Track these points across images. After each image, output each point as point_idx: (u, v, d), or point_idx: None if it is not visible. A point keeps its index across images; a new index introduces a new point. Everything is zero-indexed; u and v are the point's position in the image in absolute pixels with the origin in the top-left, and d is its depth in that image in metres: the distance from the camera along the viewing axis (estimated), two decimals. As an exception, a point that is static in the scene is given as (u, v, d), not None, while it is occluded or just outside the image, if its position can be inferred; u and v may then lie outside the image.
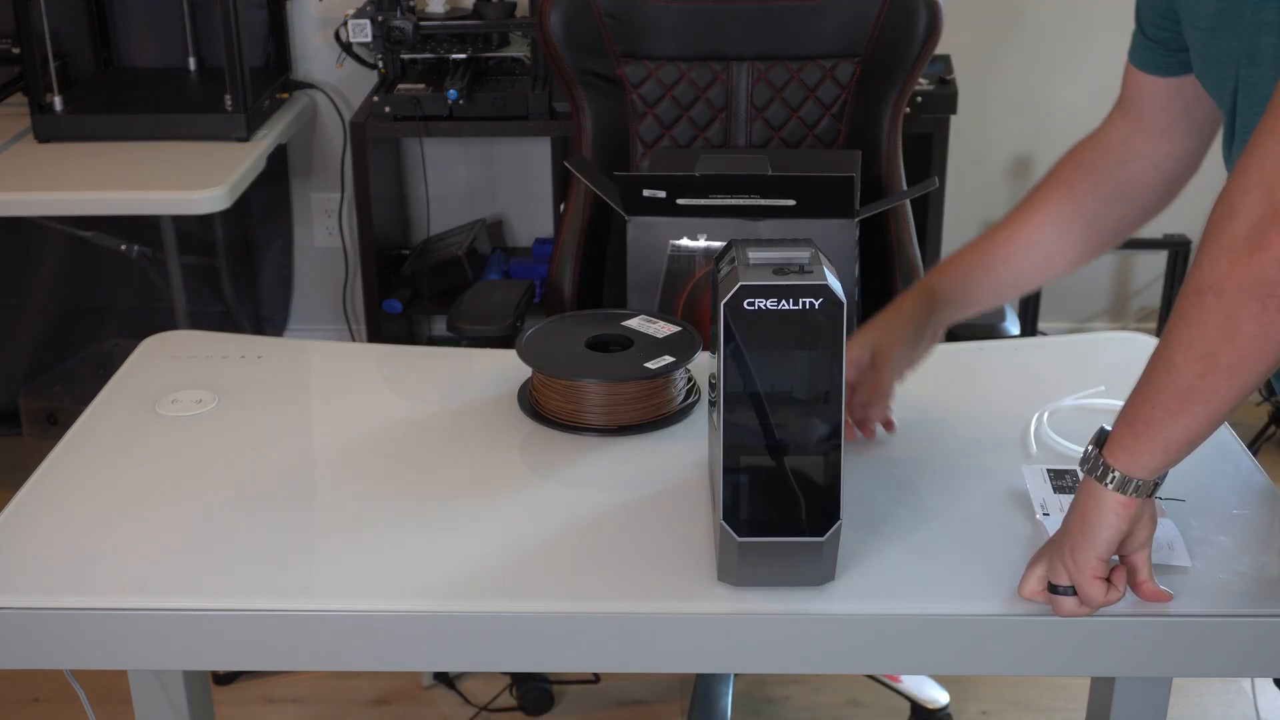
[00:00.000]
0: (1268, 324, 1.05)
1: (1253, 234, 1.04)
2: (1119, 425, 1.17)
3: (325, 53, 3.14)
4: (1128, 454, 1.15)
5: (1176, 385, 1.11)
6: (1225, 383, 1.09)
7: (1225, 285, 1.06)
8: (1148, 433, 1.14)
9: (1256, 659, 1.26)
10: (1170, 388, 1.11)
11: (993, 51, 3.12)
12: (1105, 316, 3.37)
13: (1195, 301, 1.08)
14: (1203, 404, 1.11)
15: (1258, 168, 1.05)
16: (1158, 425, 1.13)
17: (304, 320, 3.41)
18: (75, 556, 1.33)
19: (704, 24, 2.15)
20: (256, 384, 1.67)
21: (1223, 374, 1.08)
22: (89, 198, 2.56)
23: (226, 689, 2.42)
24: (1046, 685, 2.40)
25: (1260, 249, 1.03)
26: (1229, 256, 1.05)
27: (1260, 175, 1.04)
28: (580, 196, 2.16)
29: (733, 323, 1.17)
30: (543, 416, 1.57)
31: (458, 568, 1.31)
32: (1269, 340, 1.06)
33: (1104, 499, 1.17)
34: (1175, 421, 1.12)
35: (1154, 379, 1.13)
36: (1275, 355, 1.07)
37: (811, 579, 1.25)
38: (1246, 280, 1.04)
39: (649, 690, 2.41)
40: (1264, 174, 1.04)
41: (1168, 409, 1.12)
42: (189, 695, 1.53)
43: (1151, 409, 1.13)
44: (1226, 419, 1.14)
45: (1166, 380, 1.11)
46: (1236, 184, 1.06)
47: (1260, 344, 1.06)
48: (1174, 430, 1.13)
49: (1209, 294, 1.07)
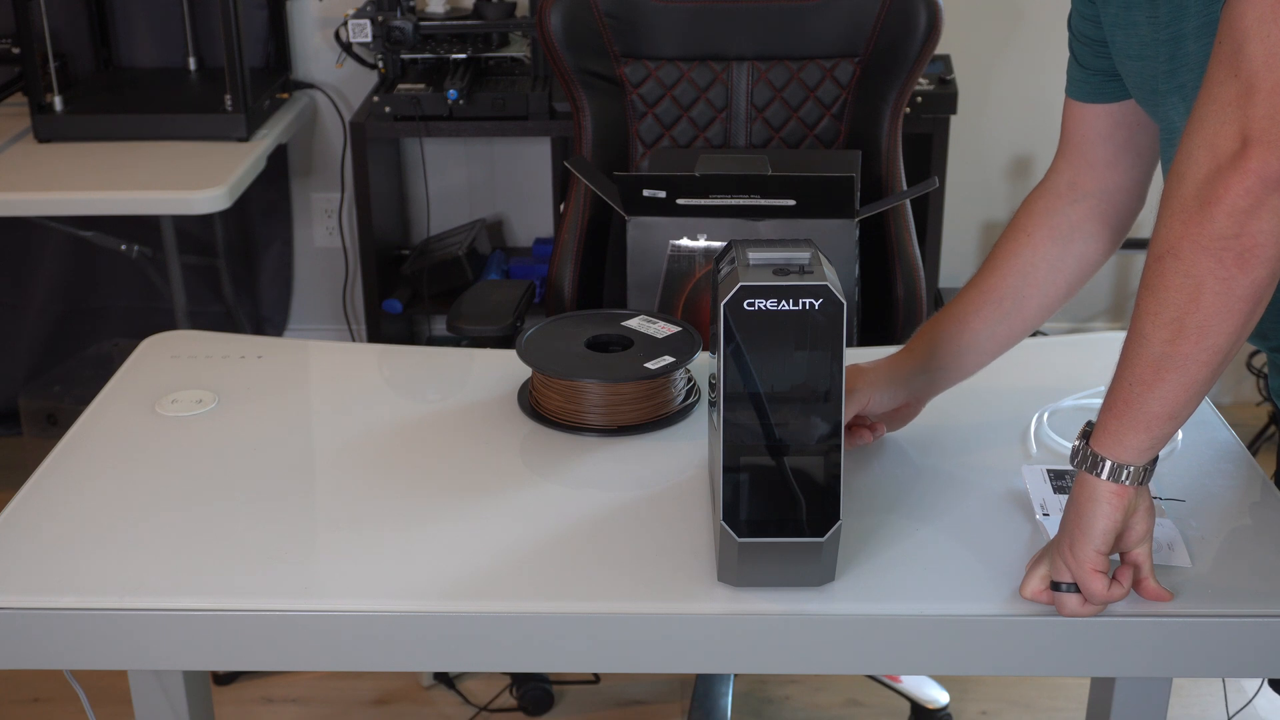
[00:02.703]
0: (1225, 278, 1.07)
1: (1201, 191, 1.07)
2: (1102, 413, 1.19)
3: (325, 53, 3.14)
4: (1112, 438, 1.17)
5: (1149, 356, 1.13)
6: (1195, 345, 1.10)
7: (1181, 246, 1.09)
8: (1129, 412, 1.16)
9: (1256, 659, 1.26)
10: (1143, 360, 1.14)
11: (993, 51, 3.12)
12: (1105, 316, 3.37)
13: (1156, 268, 1.11)
14: (1176, 371, 1.12)
15: (1198, 130, 1.08)
16: (1136, 402, 1.15)
17: (304, 320, 3.41)
18: (75, 556, 1.33)
19: (704, 24, 2.15)
20: (256, 384, 1.67)
21: (1191, 336, 1.10)
22: (89, 198, 2.56)
23: (226, 689, 2.42)
24: (1046, 685, 2.40)
25: (1209, 204, 1.07)
26: (1180, 218, 1.09)
27: (1201, 136, 1.08)
28: (580, 196, 2.16)
29: (733, 323, 1.17)
30: (543, 416, 1.57)
31: (458, 568, 1.31)
32: (1230, 295, 1.08)
33: (1097, 489, 1.17)
34: (1152, 395, 1.14)
35: (1128, 355, 1.15)
36: (1241, 312, 1.09)
37: (811, 579, 1.25)
38: (1200, 237, 1.07)
39: (649, 690, 2.41)
40: (1204, 134, 1.08)
41: (1144, 382, 1.14)
42: (189, 695, 1.53)
43: (1129, 386, 1.15)
44: (1206, 391, 1.15)
45: (1139, 353, 1.14)
46: (1182, 151, 1.10)
47: (1223, 299, 1.08)
48: (1153, 404, 1.14)
49: (1167, 258, 1.10)
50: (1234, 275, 1.07)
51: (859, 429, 1.48)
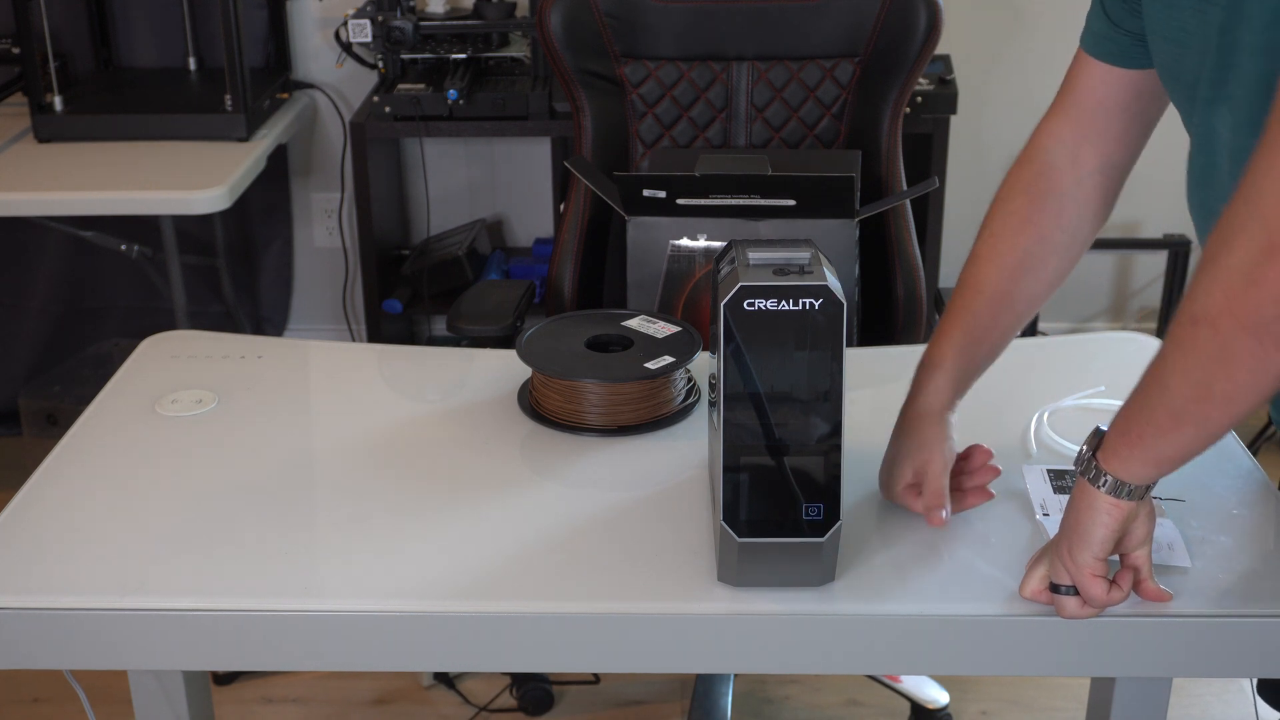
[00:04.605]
0: (1263, 358, 1.03)
1: (1249, 270, 1.01)
2: (1114, 431, 1.16)
3: (325, 53, 3.14)
4: (1120, 462, 1.15)
5: (1170, 406, 1.10)
6: (1219, 411, 1.07)
7: (1221, 320, 1.03)
8: (1141, 444, 1.13)
9: (1256, 659, 1.26)
10: (1164, 408, 1.10)
11: (993, 51, 3.12)
12: (1105, 316, 3.37)
13: (1190, 331, 1.06)
14: (1195, 427, 1.10)
15: (1255, 200, 1.01)
16: (1151, 440, 1.13)
17: (304, 320, 3.41)
18: (75, 556, 1.33)
19: (704, 24, 2.15)
20: (256, 384, 1.67)
21: (1217, 403, 1.07)
22: (89, 198, 2.56)
23: (226, 689, 2.42)
24: (1046, 685, 2.40)
25: (1256, 285, 1.01)
26: (1224, 290, 1.03)
27: (1257, 209, 1.00)
28: (580, 196, 2.16)
29: (733, 323, 1.17)
30: (543, 416, 1.57)
31: (458, 568, 1.31)
32: (1264, 373, 1.04)
33: (1097, 500, 1.17)
34: (1168, 440, 1.12)
35: (1149, 396, 1.12)
36: (1271, 387, 1.05)
37: (811, 579, 1.25)
38: (1242, 316, 1.02)
39: (649, 690, 2.41)
40: (1261, 208, 1.00)
41: (1160, 428, 1.12)
42: (189, 695, 1.53)
43: (1145, 424, 1.13)
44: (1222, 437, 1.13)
45: (1161, 400, 1.10)
46: (1233, 215, 1.03)
47: (1256, 376, 1.04)
48: (1167, 447, 1.13)
49: (1204, 325, 1.05)
50: (1271, 356, 1.02)
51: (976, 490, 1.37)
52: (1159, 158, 1.59)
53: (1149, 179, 1.71)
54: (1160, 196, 3.08)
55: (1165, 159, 1.67)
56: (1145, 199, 3.19)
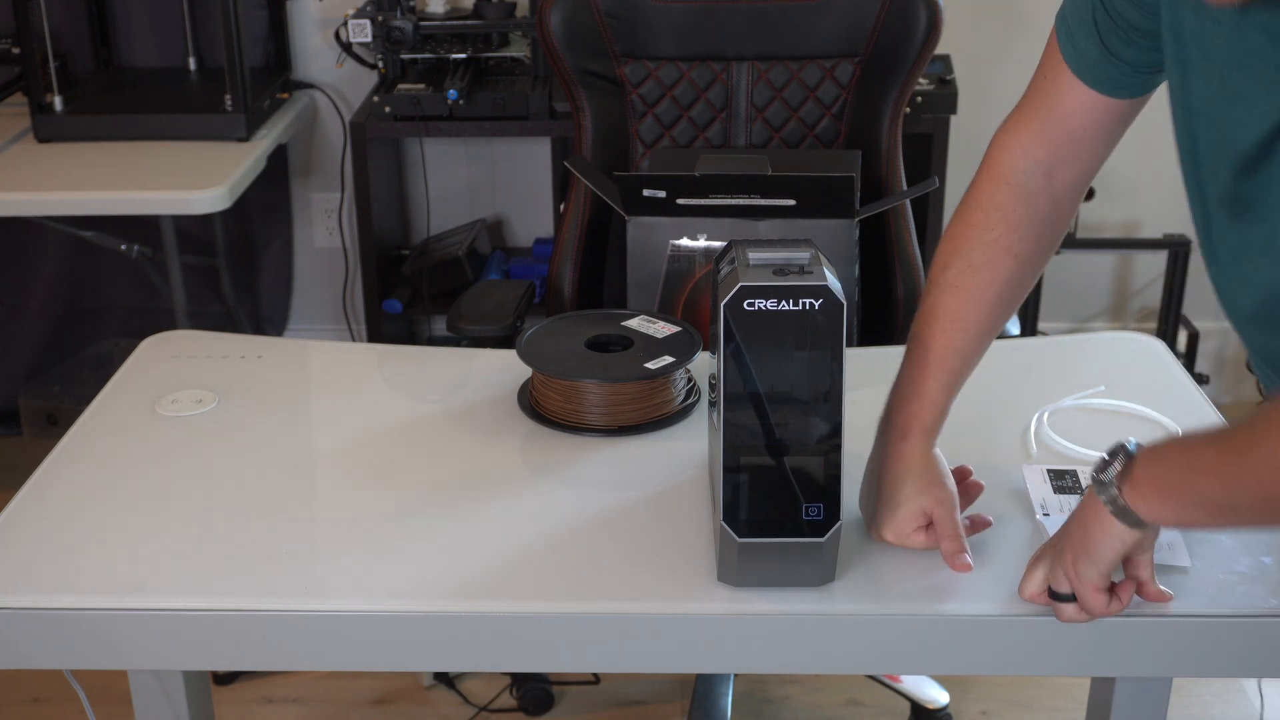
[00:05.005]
0: None
1: None
2: (1149, 475, 1.12)
3: (325, 53, 3.14)
4: (1148, 507, 1.12)
5: (1211, 499, 1.08)
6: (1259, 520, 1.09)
7: None
8: (1173, 504, 1.11)
9: (1256, 659, 1.26)
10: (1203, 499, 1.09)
11: (993, 51, 3.12)
12: (1105, 316, 3.37)
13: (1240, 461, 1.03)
14: (1232, 523, 1.11)
15: None
16: (1185, 512, 1.12)
17: (304, 320, 3.41)
18: (75, 556, 1.33)
19: (704, 24, 2.15)
20: (256, 384, 1.67)
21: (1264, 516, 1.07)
22: (89, 198, 2.56)
23: (226, 689, 2.42)
24: (1046, 685, 2.40)
25: None
26: None
27: None
28: (580, 196, 2.16)
29: (733, 323, 1.17)
30: (543, 416, 1.57)
31: (458, 568, 1.31)
32: None
33: (1111, 526, 1.15)
34: (1211, 519, 1.13)
35: (1189, 480, 1.09)
36: None
37: (811, 579, 1.25)
38: None
39: (649, 690, 2.41)
40: None
41: (1197, 511, 1.11)
42: (189, 695, 1.53)
43: (1191, 497, 1.10)
44: None
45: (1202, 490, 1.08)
46: None
47: None
48: (1207, 522, 1.14)
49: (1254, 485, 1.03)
50: None
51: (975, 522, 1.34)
52: (1159, 158, 1.59)
53: (1149, 179, 1.71)
54: (1160, 197, 3.08)
55: (1165, 159, 1.66)
56: (1145, 199, 3.20)
